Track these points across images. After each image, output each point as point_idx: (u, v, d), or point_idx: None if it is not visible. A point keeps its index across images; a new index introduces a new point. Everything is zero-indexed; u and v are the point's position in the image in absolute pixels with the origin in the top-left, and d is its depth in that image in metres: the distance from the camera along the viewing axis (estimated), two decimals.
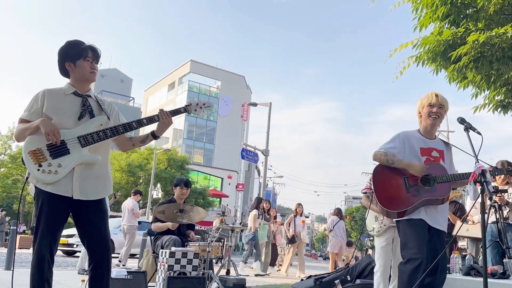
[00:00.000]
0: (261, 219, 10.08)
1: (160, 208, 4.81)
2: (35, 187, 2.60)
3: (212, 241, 4.97)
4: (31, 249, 2.61)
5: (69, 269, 8.46)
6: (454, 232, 5.54)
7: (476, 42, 5.71)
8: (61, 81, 2.84)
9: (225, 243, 6.86)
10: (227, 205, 41.60)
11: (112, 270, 4.01)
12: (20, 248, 15.61)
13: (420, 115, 3.28)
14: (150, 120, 2.81)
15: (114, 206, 22.37)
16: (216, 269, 6.19)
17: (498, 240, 4.76)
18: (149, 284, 4.66)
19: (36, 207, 2.60)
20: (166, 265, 4.38)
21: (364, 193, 5.01)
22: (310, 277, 6.56)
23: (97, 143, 2.68)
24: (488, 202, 4.70)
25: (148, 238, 9.37)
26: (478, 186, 2.63)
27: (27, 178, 2.62)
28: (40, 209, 2.56)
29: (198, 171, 42.13)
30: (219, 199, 43.05)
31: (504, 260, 4.06)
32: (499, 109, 7.19)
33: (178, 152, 36.19)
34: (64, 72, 2.79)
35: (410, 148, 3.17)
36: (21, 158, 2.63)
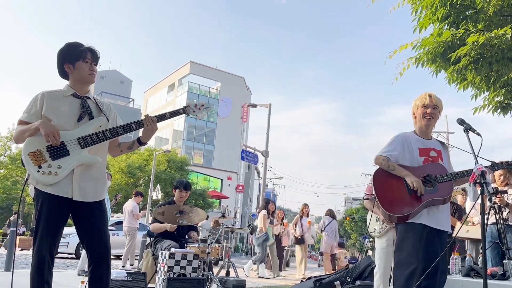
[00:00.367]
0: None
1: (159, 210, 4.80)
2: (35, 188, 2.60)
3: (211, 243, 4.96)
4: (31, 250, 2.60)
5: (69, 270, 8.45)
6: (454, 233, 5.54)
7: (475, 43, 5.71)
8: (60, 83, 2.84)
9: (224, 244, 6.86)
10: (227, 207, 41.59)
11: (112, 271, 4.01)
12: (20, 250, 15.59)
13: (415, 116, 3.26)
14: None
15: (114, 208, 22.35)
16: (215, 271, 6.19)
17: (498, 241, 4.76)
18: (149, 285, 4.66)
19: (36, 208, 2.60)
20: (166, 266, 4.38)
21: (366, 199, 4.99)
22: (310, 278, 6.56)
23: (96, 145, 2.69)
24: (488, 203, 4.70)
25: (148, 240, 9.40)
26: (478, 187, 2.63)
27: (26, 179, 2.62)
28: (40, 210, 2.56)
29: (198, 172, 42.12)
30: (218, 201, 43.02)
31: (504, 261, 4.05)
32: (499, 110, 7.19)
33: (177, 153, 36.17)
34: (63, 74, 2.80)
35: (408, 149, 3.16)
36: (21, 159, 2.63)
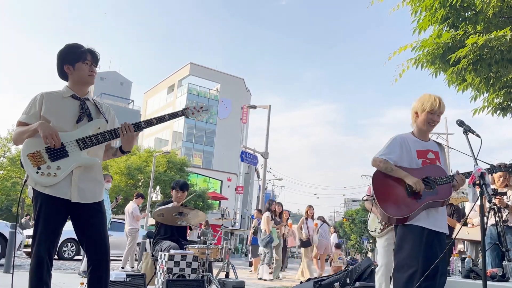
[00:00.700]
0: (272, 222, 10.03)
1: (159, 211, 4.80)
2: (34, 189, 2.60)
3: (211, 244, 4.95)
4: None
5: (68, 271, 8.44)
6: (453, 235, 5.54)
7: (475, 44, 5.72)
8: (60, 85, 2.84)
9: (224, 246, 6.85)
10: (227, 208, 41.56)
11: (111, 273, 4.00)
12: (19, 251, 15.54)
13: (417, 116, 3.17)
14: (148, 123, 2.81)
15: (115, 210, 22.33)
16: (215, 272, 6.18)
17: (498, 242, 4.76)
18: (148, 287, 4.66)
19: (35, 209, 2.59)
20: (165, 268, 4.37)
21: (365, 200, 4.99)
22: (309, 279, 6.56)
23: (95, 146, 2.68)
24: (488, 205, 4.70)
25: (147, 241, 9.37)
26: (477, 189, 2.63)
27: (25, 181, 2.62)
28: (39, 211, 2.56)
29: (198, 174, 42.11)
30: (218, 202, 43.00)
31: (503, 263, 4.05)
32: (498, 111, 7.20)
33: (177, 155, 36.17)
34: (62, 75, 2.79)
35: (407, 151, 3.15)
36: (20, 161, 2.63)
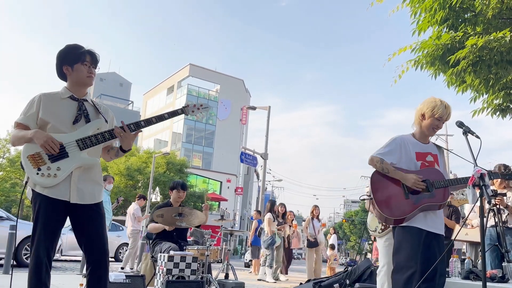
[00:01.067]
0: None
1: (158, 212, 4.79)
2: (33, 190, 2.59)
3: (210, 245, 4.95)
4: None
5: (68, 272, 8.43)
6: (453, 236, 5.54)
7: (474, 46, 5.72)
8: (59, 86, 2.84)
9: (223, 247, 6.85)
10: (226, 209, 41.55)
11: (110, 274, 4.00)
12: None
13: (423, 118, 3.13)
14: (148, 122, 2.81)
15: (115, 211, 22.34)
16: (214, 273, 6.18)
17: (497, 243, 4.76)
18: None
19: (34, 211, 2.59)
20: (165, 269, 4.36)
21: (362, 199, 4.99)
22: (309, 281, 6.56)
23: (94, 147, 2.68)
24: (487, 206, 4.70)
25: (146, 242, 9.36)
26: (477, 190, 2.63)
27: (26, 182, 2.62)
28: (38, 213, 2.56)
29: (197, 175, 42.10)
30: (218, 203, 42.99)
31: (503, 264, 4.05)
32: (498, 113, 7.21)
33: (177, 156, 36.20)
34: (61, 75, 2.79)
35: (406, 152, 3.14)
36: (20, 162, 2.63)
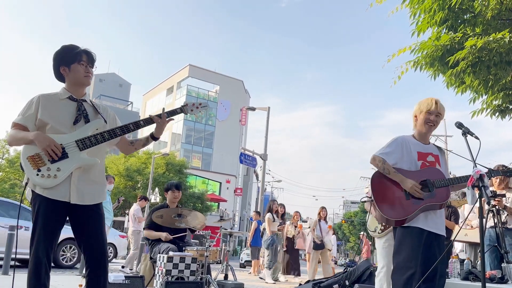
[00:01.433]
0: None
1: (158, 213, 4.79)
2: (32, 191, 2.59)
3: (209, 246, 4.94)
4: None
5: (67, 273, 8.42)
6: (452, 236, 5.54)
7: (473, 47, 5.73)
8: (57, 86, 2.84)
9: (223, 247, 6.85)
10: (225, 210, 41.57)
11: (110, 275, 4.00)
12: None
13: (416, 119, 3.22)
14: (147, 121, 2.81)
15: (116, 211, 22.31)
16: (214, 274, 6.17)
17: (497, 244, 4.76)
18: None
19: (33, 211, 2.59)
20: (164, 270, 4.36)
21: (363, 201, 4.99)
22: (308, 282, 6.56)
23: (94, 147, 2.68)
24: (486, 207, 4.70)
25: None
26: (476, 191, 2.63)
27: (26, 183, 2.61)
28: (37, 213, 2.55)
29: (196, 176, 42.09)
30: (217, 204, 42.99)
31: (502, 265, 4.05)
32: (497, 113, 7.22)
33: (176, 157, 36.18)
34: (59, 76, 2.79)
35: (407, 152, 3.15)
36: (20, 163, 2.62)
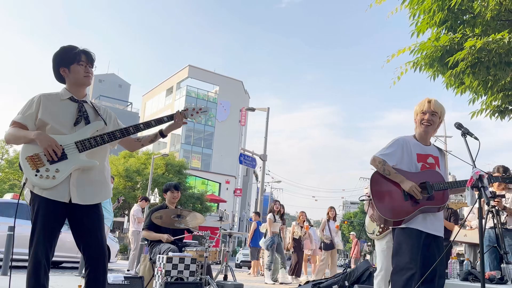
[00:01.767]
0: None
1: (157, 214, 4.79)
2: (31, 192, 2.59)
3: (209, 247, 4.94)
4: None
5: (66, 274, 8.42)
6: (451, 237, 5.54)
7: (473, 47, 5.73)
8: (56, 86, 2.84)
9: (222, 248, 6.85)
10: (225, 210, 41.56)
11: (109, 275, 3.99)
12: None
13: (415, 122, 3.26)
14: (147, 125, 2.82)
15: (116, 211, 22.29)
16: (213, 275, 6.17)
17: (496, 245, 4.76)
18: None
19: (32, 212, 2.58)
20: (163, 270, 4.36)
21: (362, 200, 4.99)
22: (308, 282, 6.56)
23: (94, 148, 2.68)
24: (486, 207, 4.70)
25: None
26: (476, 192, 2.63)
27: (24, 183, 2.61)
28: (36, 214, 2.55)
29: (196, 176, 42.09)
30: (216, 204, 42.97)
31: (502, 266, 4.05)
32: (496, 114, 7.22)
33: (176, 157, 36.15)
34: (59, 77, 2.79)
35: (408, 154, 3.15)
36: (19, 163, 2.62)
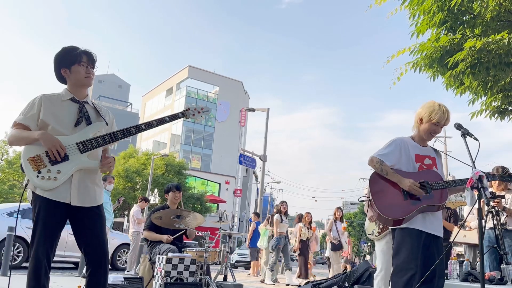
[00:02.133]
0: (269, 224, 9.95)
1: (157, 214, 4.79)
2: (33, 193, 2.60)
3: (209, 247, 4.94)
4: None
5: (66, 274, 8.41)
6: (451, 238, 5.54)
7: (473, 48, 5.74)
8: (57, 86, 2.84)
9: (222, 249, 6.85)
10: (225, 211, 41.52)
11: (109, 276, 3.99)
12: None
13: (421, 123, 3.15)
14: (148, 125, 2.82)
15: (116, 211, 22.29)
16: (213, 275, 6.17)
17: (496, 246, 4.76)
18: None
19: (34, 213, 2.59)
20: (163, 271, 4.36)
21: (362, 201, 4.99)
22: (308, 283, 6.56)
23: (95, 149, 2.69)
24: (486, 208, 4.70)
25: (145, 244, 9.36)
26: (476, 192, 2.63)
27: (26, 185, 2.62)
28: (37, 215, 2.56)
29: (196, 177, 42.08)
30: (216, 205, 42.96)
31: (501, 266, 4.05)
32: (496, 115, 7.23)
33: (175, 158, 36.13)
34: (61, 78, 2.80)
35: (405, 154, 3.15)
36: (20, 165, 2.63)
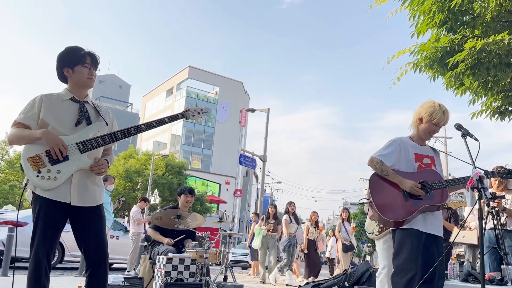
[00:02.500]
0: (264, 224, 9.93)
1: (157, 214, 4.78)
2: (33, 193, 2.60)
3: (209, 247, 4.93)
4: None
5: (66, 275, 8.42)
6: (451, 238, 5.54)
7: (473, 48, 5.74)
8: (57, 87, 2.84)
9: (222, 249, 6.84)
10: (225, 211, 41.56)
11: (109, 276, 3.99)
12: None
13: (420, 122, 3.16)
14: (148, 126, 2.82)
15: (116, 211, 22.29)
16: (213, 276, 6.17)
17: (496, 246, 4.76)
18: None
19: (34, 213, 2.59)
20: (163, 271, 4.36)
21: (361, 203, 4.99)
22: (308, 283, 6.56)
23: (95, 149, 2.69)
24: (486, 208, 4.70)
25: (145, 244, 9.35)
26: (476, 193, 2.63)
27: (26, 184, 2.62)
28: (38, 215, 2.56)
29: (196, 177, 42.08)
30: (216, 205, 42.97)
31: (502, 267, 4.05)
32: (496, 115, 7.23)
33: (176, 158, 36.14)
34: (62, 77, 2.80)
35: (405, 154, 3.15)
36: (20, 164, 2.63)
